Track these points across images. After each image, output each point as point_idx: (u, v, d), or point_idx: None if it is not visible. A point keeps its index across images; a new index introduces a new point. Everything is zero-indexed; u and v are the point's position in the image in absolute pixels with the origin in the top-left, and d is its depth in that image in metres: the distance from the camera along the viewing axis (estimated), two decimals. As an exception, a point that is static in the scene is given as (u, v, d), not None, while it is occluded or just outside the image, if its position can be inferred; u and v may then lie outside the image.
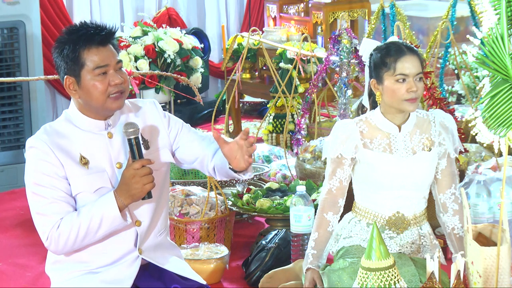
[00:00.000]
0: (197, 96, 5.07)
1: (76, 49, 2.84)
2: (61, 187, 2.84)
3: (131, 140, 2.83)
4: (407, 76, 3.27)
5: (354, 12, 7.37)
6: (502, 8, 2.70)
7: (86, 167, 2.88)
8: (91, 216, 2.81)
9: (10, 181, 5.51)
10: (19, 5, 5.49)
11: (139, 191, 2.81)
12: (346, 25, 4.71)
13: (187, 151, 3.05)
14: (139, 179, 2.80)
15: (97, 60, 2.84)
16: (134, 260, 2.96)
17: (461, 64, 6.24)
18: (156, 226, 3.02)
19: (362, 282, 2.83)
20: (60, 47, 2.87)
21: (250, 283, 3.91)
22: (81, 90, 2.87)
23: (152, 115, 3.04)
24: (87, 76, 2.84)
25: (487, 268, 2.95)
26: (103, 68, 2.85)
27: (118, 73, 2.88)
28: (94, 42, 2.84)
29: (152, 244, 3.01)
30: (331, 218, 3.41)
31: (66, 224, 2.81)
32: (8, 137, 5.55)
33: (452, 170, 3.44)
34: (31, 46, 5.53)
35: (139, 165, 2.80)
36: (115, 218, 2.82)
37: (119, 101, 2.89)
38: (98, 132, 2.92)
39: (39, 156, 2.84)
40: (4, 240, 4.64)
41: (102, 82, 2.85)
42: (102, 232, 2.84)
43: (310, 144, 4.84)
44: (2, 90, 5.49)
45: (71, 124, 2.92)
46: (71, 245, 2.84)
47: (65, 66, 2.87)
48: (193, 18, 8.15)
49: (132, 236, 2.94)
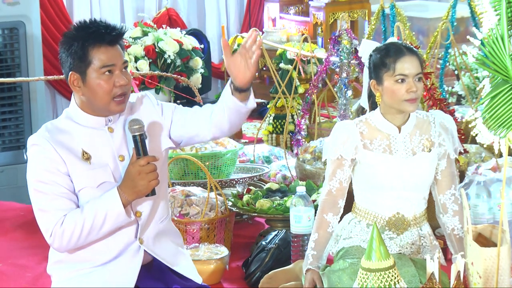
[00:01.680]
0: (197, 97, 5.07)
1: (84, 46, 2.83)
2: (63, 184, 2.84)
3: (136, 136, 2.83)
4: (406, 76, 3.27)
5: (354, 13, 7.38)
6: (502, 9, 2.70)
7: (89, 162, 2.88)
8: (95, 212, 2.82)
9: (10, 182, 5.51)
10: (19, 6, 5.49)
11: (145, 187, 2.82)
12: (346, 26, 4.71)
13: (183, 129, 3.04)
14: (145, 175, 2.81)
15: (105, 59, 2.84)
16: (136, 252, 2.96)
17: (461, 65, 6.24)
18: (156, 214, 3.02)
19: (362, 282, 2.83)
20: (68, 43, 2.86)
21: (250, 283, 3.91)
22: (86, 87, 2.87)
23: (147, 108, 3.04)
24: (93, 74, 2.85)
25: (487, 269, 2.95)
26: (110, 68, 2.85)
27: (123, 74, 2.88)
28: (104, 41, 2.84)
29: (152, 232, 3.00)
30: (331, 219, 3.41)
31: (70, 220, 2.81)
32: (8, 138, 5.55)
33: (452, 171, 3.44)
34: (31, 47, 5.53)
35: (145, 161, 2.81)
36: (119, 214, 2.82)
37: (122, 105, 2.91)
38: (98, 128, 2.93)
39: (40, 153, 2.84)
40: (4, 241, 4.64)
41: (108, 81, 2.85)
42: (106, 228, 2.84)
43: (310, 144, 4.84)
44: (2, 90, 5.49)
45: (71, 121, 2.93)
46: (75, 242, 2.84)
47: (71, 62, 2.86)
48: (193, 19, 8.15)
49: (133, 228, 2.95)
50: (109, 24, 2.88)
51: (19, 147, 5.53)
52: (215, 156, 4.67)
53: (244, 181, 4.71)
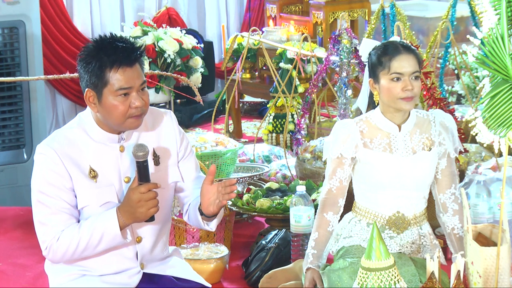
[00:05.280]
0: (197, 96, 5.07)
1: (102, 67, 2.76)
2: (66, 199, 2.82)
3: (139, 163, 2.77)
4: (401, 74, 3.28)
5: (354, 12, 7.37)
6: (502, 8, 2.70)
7: (95, 180, 2.85)
8: (92, 231, 2.80)
9: (10, 181, 5.50)
10: (19, 5, 5.48)
11: (143, 214, 2.79)
12: (346, 25, 4.70)
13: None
14: (144, 203, 2.77)
15: (122, 81, 2.78)
16: (135, 273, 2.96)
17: (461, 64, 6.24)
18: (159, 244, 3.01)
19: (362, 282, 2.83)
20: (87, 60, 2.80)
21: (250, 283, 3.91)
22: (101, 106, 2.81)
23: (168, 131, 2.99)
24: (109, 95, 2.79)
25: (487, 268, 2.95)
26: (127, 90, 2.79)
27: (139, 95, 2.82)
28: (123, 64, 2.77)
29: (156, 258, 3.01)
30: (331, 218, 3.41)
31: (66, 237, 2.80)
32: (8, 137, 5.55)
33: (452, 170, 3.44)
34: (31, 46, 5.52)
35: (146, 189, 2.76)
36: (116, 236, 2.81)
37: (138, 122, 2.85)
38: (110, 144, 2.88)
39: (47, 164, 2.81)
40: (4, 240, 4.64)
41: (123, 103, 2.79)
42: (101, 247, 2.83)
43: (310, 144, 4.84)
44: (2, 90, 5.49)
45: (84, 133, 2.87)
46: (69, 257, 2.84)
47: (88, 80, 2.80)
48: (193, 18, 8.15)
49: (132, 252, 2.94)
50: (129, 44, 2.80)
51: (19, 147, 5.53)
52: (215, 155, 4.67)
53: (244, 181, 4.71)
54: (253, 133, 7.03)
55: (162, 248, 3.03)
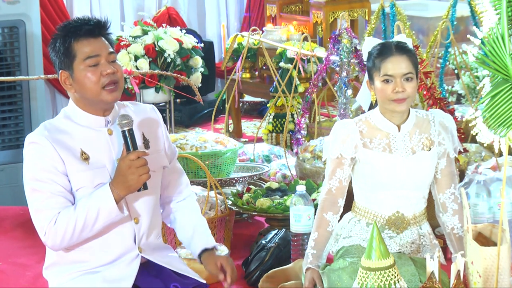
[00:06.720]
0: (197, 96, 5.07)
1: (66, 41, 2.86)
2: (60, 182, 2.84)
3: (125, 131, 2.84)
4: (392, 76, 3.27)
5: (354, 12, 7.37)
6: (502, 8, 2.70)
7: (87, 162, 2.88)
8: (88, 209, 2.81)
9: (10, 180, 5.50)
10: (19, 4, 5.48)
11: (135, 181, 2.81)
12: (346, 25, 4.70)
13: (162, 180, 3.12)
14: (135, 170, 2.80)
15: (88, 50, 2.86)
16: (134, 258, 2.96)
17: (461, 64, 6.24)
18: (155, 228, 3.04)
19: (362, 281, 2.83)
20: (53, 42, 2.90)
21: (250, 282, 3.91)
22: (75, 83, 2.88)
23: (153, 121, 3.06)
24: (79, 67, 2.86)
25: (487, 268, 2.95)
26: (94, 59, 2.86)
27: (110, 64, 2.89)
28: (83, 33, 2.85)
29: (151, 244, 3.02)
30: (330, 218, 3.41)
31: (63, 218, 2.81)
32: (8, 136, 5.54)
33: (451, 170, 3.44)
34: (31, 45, 5.52)
35: (135, 156, 2.81)
36: (112, 210, 2.82)
37: (114, 93, 2.90)
38: (98, 129, 2.93)
39: (39, 151, 2.84)
40: (4, 240, 4.64)
41: (94, 72, 2.86)
42: (99, 225, 2.84)
43: (310, 143, 4.84)
44: (2, 89, 5.49)
45: (70, 121, 2.93)
46: (68, 239, 2.84)
47: (59, 61, 2.89)
48: (193, 18, 8.15)
49: (130, 232, 2.95)
50: (90, 17, 2.91)
51: (19, 146, 5.52)
52: (215, 155, 4.67)
53: (244, 180, 4.71)
54: (253, 132, 7.03)
55: (156, 236, 3.06)
